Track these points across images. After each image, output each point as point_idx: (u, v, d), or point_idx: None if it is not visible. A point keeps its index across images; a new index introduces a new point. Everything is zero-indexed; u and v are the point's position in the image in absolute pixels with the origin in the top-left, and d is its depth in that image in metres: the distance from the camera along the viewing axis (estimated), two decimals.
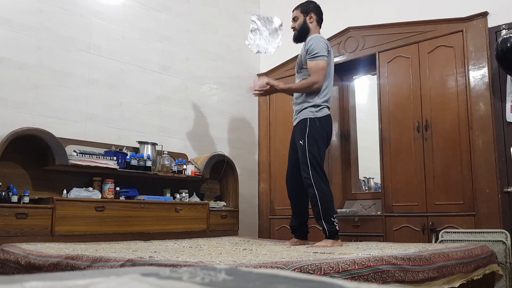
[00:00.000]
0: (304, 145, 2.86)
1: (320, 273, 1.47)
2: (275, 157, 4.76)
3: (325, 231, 2.77)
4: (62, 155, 3.08)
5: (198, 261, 1.79)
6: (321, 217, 2.76)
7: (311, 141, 2.85)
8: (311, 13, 3.08)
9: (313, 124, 2.87)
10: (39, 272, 2.15)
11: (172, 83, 4.27)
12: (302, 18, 3.08)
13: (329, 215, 2.76)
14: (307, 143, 2.85)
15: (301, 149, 2.88)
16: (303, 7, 3.10)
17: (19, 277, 0.50)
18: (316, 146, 2.85)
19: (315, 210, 2.79)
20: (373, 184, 4.42)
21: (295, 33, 3.11)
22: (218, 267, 0.58)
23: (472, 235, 3.27)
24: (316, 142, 2.86)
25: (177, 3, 4.42)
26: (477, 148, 3.42)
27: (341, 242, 2.81)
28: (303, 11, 3.09)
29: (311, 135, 2.86)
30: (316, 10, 3.10)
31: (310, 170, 2.79)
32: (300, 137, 2.91)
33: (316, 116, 2.89)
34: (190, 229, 3.72)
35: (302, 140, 2.89)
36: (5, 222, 2.79)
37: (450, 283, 1.99)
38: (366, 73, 4.47)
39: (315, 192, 2.77)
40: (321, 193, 2.76)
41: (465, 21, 3.60)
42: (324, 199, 2.77)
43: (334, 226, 2.77)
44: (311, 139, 2.85)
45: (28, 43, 3.35)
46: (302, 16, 3.08)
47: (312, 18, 3.07)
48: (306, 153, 2.83)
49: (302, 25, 3.08)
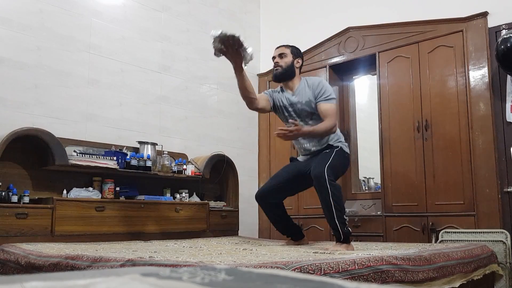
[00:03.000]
0: (331, 153, 2.73)
1: (320, 273, 1.47)
2: (275, 157, 4.76)
3: (339, 233, 2.51)
4: (62, 155, 3.08)
5: (198, 261, 1.79)
6: (335, 217, 2.51)
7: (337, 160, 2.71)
8: (299, 58, 2.94)
9: (340, 151, 2.79)
10: (39, 272, 2.15)
11: (172, 83, 4.27)
12: (291, 59, 2.89)
13: (342, 214, 2.54)
14: (334, 154, 2.72)
15: (327, 154, 2.75)
16: (293, 49, 2.93)
17: (19, 277, 0.50)
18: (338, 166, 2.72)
19: (327, 209, 2.54)
20: (373, 184, 4.42)
21: (280, 71, 2.88)
22: (218, 267, 0.58)
23: (472, 235, 3.27)
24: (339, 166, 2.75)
25: (177, 3, 4.42)
26: (477, 148, 3.42)
27: (353, 246, 2.57)
28: (293, 52, 2.91)
29: (337, 156, 2.73)
30: (302, 58, 2.99)
31: (326, 168, 2.58)
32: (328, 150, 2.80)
33: (342, 148, 2.82)
34: (190, 229, 3.72)
35: (330, 150, 2.79)
36: (5, 222, 2.79)
37: (450, 283, 1.99)
38: (366, 73, 4.47)
39: (328, 187, 2.52)
40: (333, 188, 2.53)
41: (465, 21, 3.60)
42: (337, 197, 2.53)
43: (347, 227, 2.53)
44: (337, 159, 2.72)
45: (28, 43, 3.35)
46: (292, 57, 2.90)
47: (299, 64, 2.94)
48: (330, 157, 2.68)
49: (290, 66, 2.88)
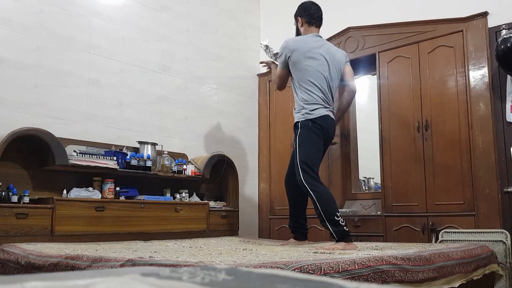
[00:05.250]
0: (295, 149, 2.83)
1: (320, 273, 1.47)
2: (275, 157, 4.76)
3: (333, 234, 2.64)
4: (62, 155, 3.08)
5: (198, 261, 1.79)
6: (324, 219, 2.64)
7: (301, 144, 2.81)
8: (298, 17, 3.10)
9: (304, 127, 2.84)
10: (39, 272, 2.15)
11: (172, 83, 4.27)
12: (295, 24, 3.14)
13: (331, 215, 2.62)
14: (297, 146, 2.82)
15: (294, 152, 2.87)
16: (295, 13, 3.14)
17: (19, 277, 0.50)
18: (305, 148, 2.79)
19: (317, 212, 2.68)
20: (373, 184, 4.42)
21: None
22: (218, 267, 0.58)
23: (472, 235, 3.27)
24: (306, 145, 2.80)
25: (177, 3, 4.42)
26: (477, 148, 3.42)
27: (355, 245, 2.59)
28: (295, 17, 3.14)
29: (300, 138, 2.82)
30: (302, 13, 3.08)
31: (301, 173, 2.73)
32: (293, 141, 2.91)
33: (307, 118, 2.83)
34: (190, 229, 3.72)
35: (294, 143, 2.88)
36: (5, 222, 2.79)
37: (450, 283, 1.99)
38: (366, 73, 4.47)
39: (311, 194, 2.69)
40: (317, 194, 2.66)
41: (465, 21, 3.60)
42: (322, 199, 2.65)
43: (340, 227, 2.60)
44: (301, 142, 2.81)
45: (28, 43, 3.35)
46: (295, 22, 3.14)
47: (300, 22, 3.08)
48: (296, 157, 2.79)
49: (296, 32, 3.15)
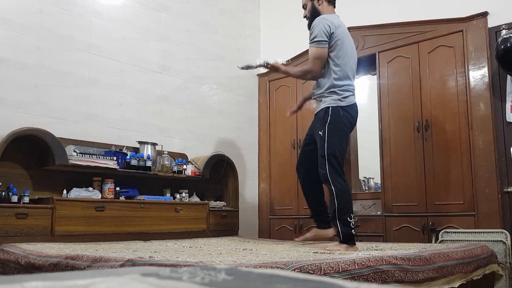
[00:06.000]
0: (324, 137, 2.60)
1: (320, 273, 1.47)
2: (275, 157, 4.76)
3: (339, 234, 2.52)
4: (62, 155, 3.08)
5: (198, 261, 1.79)
6: (336, 217, 2.52)
7: (331, 133, 2.59)
8: None
9: (335, 114, 2.62)
10: (39, 272, 2.15)
11: (172, 83, 4.27)
12: (310, 3, 2.86)
13: (345, 215, 2.51)
14: (326, 135, 2.59)
15: (320, 141, 2.63)
16: None
17: (19, 277, 0.50)
18: (336, 139, 2.59)
19: (332, 208, 2.56)
20: (373, 184, 4.42)
21: (308, 22, 2.88)
22: (218, 267, 0.58)
23: (472, 235, 3.27)
24: (337, 135, 2.60)
25: (177, 3, 4.42)
26: (477, 148, 3.42)
27: (356, 247, 2.51)
28: None
29: (330, 126, 2.59)
30: None
31: (327, 165, 2.56)
32: (320, 127, 2.65)
33: (339, 104, 2.63)
34: (190, 229, 3.72)
35: (322, 131, 2.62)
36: (5, 222, 2.79)
37: (450, 283, 1.99)
38: (366, 73, 4.46)
39: (332, 187, 2.54)
40: (338, 190, 2.53)
41: (465, 21, 3.60)
42: (341, 196, 2.53)
43: (350, 229, 2.50)
44: (331, 131, 2.59)
45: (28, 43, 3.35)
46: (310, 1, 2.86)
47: (321, 0, 2.85)
48: (324, 146, 2.58)
49: (312, 11, 2.85)
